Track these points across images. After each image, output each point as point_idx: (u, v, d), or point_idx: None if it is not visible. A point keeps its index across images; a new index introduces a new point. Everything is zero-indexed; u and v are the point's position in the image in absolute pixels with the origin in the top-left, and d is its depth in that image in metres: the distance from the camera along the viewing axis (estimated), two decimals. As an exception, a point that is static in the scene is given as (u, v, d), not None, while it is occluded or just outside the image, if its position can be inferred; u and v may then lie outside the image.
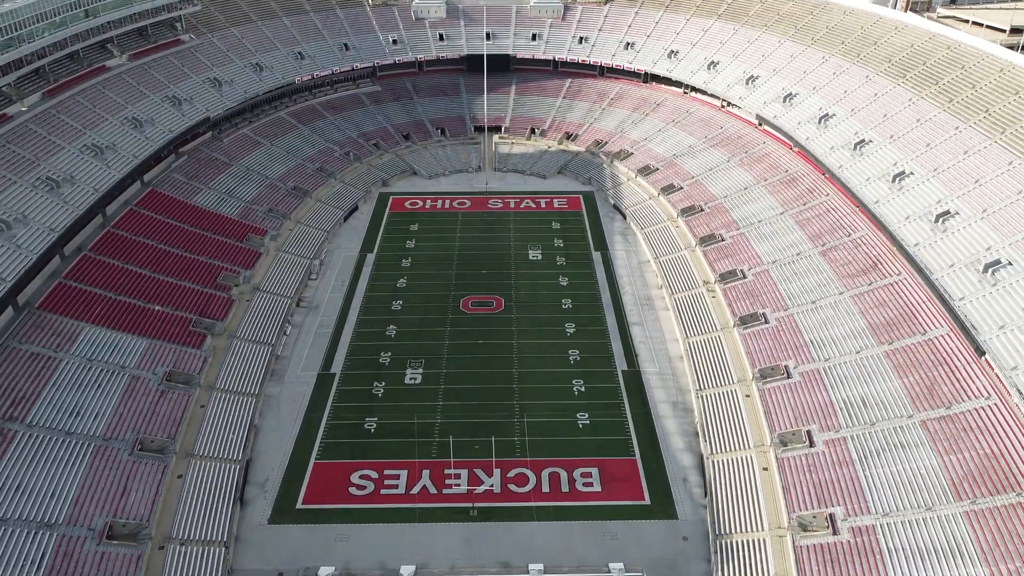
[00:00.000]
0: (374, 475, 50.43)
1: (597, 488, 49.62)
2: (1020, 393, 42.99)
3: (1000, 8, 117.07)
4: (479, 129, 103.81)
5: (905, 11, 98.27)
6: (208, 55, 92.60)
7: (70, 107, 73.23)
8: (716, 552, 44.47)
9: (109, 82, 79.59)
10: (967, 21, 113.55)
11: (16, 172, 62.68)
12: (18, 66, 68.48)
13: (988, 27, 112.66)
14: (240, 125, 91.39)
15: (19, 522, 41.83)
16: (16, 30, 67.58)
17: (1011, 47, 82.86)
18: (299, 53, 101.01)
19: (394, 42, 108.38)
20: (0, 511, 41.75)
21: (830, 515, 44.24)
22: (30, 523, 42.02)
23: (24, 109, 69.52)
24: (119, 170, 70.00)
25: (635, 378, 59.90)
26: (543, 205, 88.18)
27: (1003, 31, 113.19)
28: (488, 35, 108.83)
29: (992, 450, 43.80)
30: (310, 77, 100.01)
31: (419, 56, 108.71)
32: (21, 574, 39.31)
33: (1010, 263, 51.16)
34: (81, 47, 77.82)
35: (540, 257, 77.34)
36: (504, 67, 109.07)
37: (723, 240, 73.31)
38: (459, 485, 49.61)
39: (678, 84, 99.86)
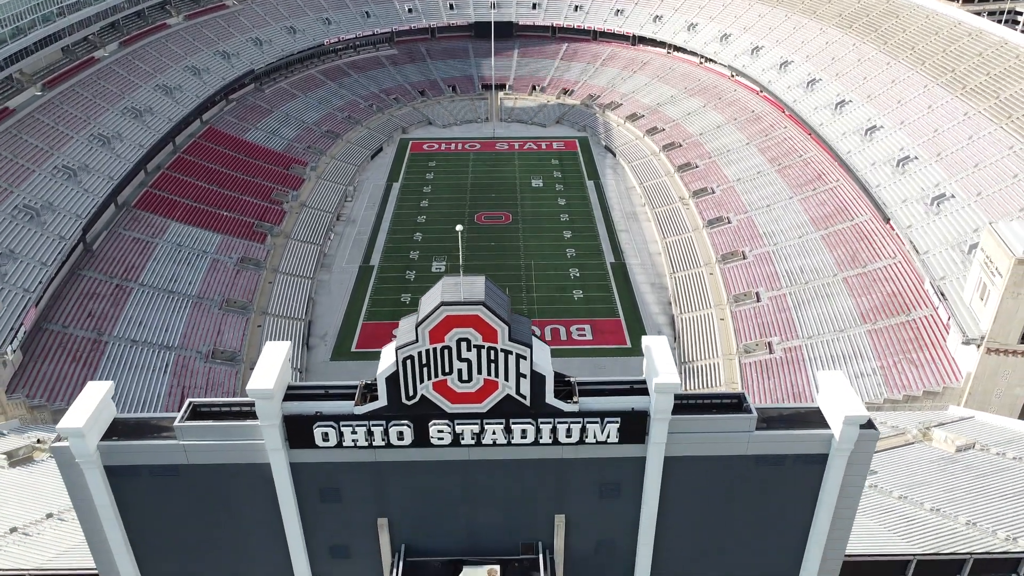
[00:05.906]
0: (411, 330, 63.36)
1: (589, 337, 62.75)
2: (912, 243, 56.01)
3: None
4: (486, 87, 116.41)
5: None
6: (249, 18, 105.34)
7: (142, 55, 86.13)
8: (681, 373, 57.39)
9: (171, 37, 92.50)
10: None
11: (108, 101, 75.63)
12: (103, 17, 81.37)
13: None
14: (278, 79, 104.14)
15: (146, 344, 54.85)
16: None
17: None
18: (326, 19, 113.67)
19: (409, 10, 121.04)
20: (132, 335, 54.82)
21: (769, 342, 57.30)
22: (154, 345, 55.05)
23: (106, 55, 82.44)
24: (185, 106, 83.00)
25: (621, 268, 72.88)
26: (544, 147, 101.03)
27: (956, 1, 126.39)
28: (493, 4, 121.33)
29: (892, 291, 56.90)
30: (336, 40, 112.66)
31: (432, 23, 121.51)
32: (154, 375, 52.43)
33: (916, 158, 64.27)
34: (146, 6, 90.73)
35: (542, 185, 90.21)
36: (508, 33, 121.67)
37: (697, 167, 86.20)
38: (479, 337, 62.56)
39: (662, 45, 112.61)
